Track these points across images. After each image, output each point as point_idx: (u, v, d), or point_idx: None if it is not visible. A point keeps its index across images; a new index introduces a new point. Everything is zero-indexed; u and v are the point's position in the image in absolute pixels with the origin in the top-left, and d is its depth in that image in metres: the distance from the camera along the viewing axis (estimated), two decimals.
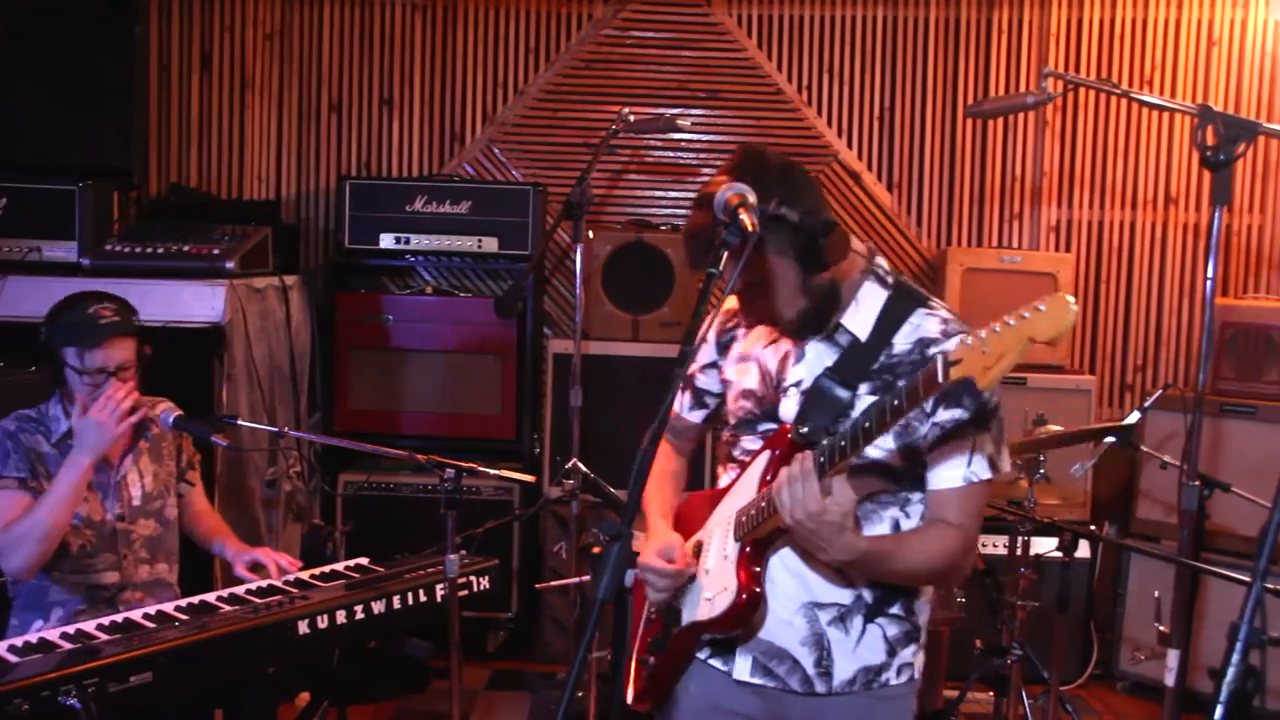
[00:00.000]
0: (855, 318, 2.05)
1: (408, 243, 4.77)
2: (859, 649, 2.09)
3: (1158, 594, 3.88)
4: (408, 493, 4.68)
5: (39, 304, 3.09)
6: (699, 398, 2.38)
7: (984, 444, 1.99)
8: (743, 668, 2.13)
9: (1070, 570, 3.65)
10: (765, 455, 2.08)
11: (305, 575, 3.15)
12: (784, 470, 1.90)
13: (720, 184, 1.89)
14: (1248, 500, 3.50)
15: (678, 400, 2.41)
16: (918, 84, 5.19)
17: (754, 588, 2.02)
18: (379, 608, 2.97)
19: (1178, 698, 2.63)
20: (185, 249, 4.18)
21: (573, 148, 5.19)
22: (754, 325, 2.20)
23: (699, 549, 2.19)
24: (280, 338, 4.53)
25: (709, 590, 2.11)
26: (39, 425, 3.01)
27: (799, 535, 1.91)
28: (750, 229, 1.79)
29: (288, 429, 3.70)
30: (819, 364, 2.06)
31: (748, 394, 2.18)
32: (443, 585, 3.03)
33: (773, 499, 1.91)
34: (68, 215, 4.20)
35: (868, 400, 1.98)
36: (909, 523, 2.07)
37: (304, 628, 2.80)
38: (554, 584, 4.21)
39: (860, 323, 2.04)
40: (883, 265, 2.10)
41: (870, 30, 5.18)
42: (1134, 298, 5.22)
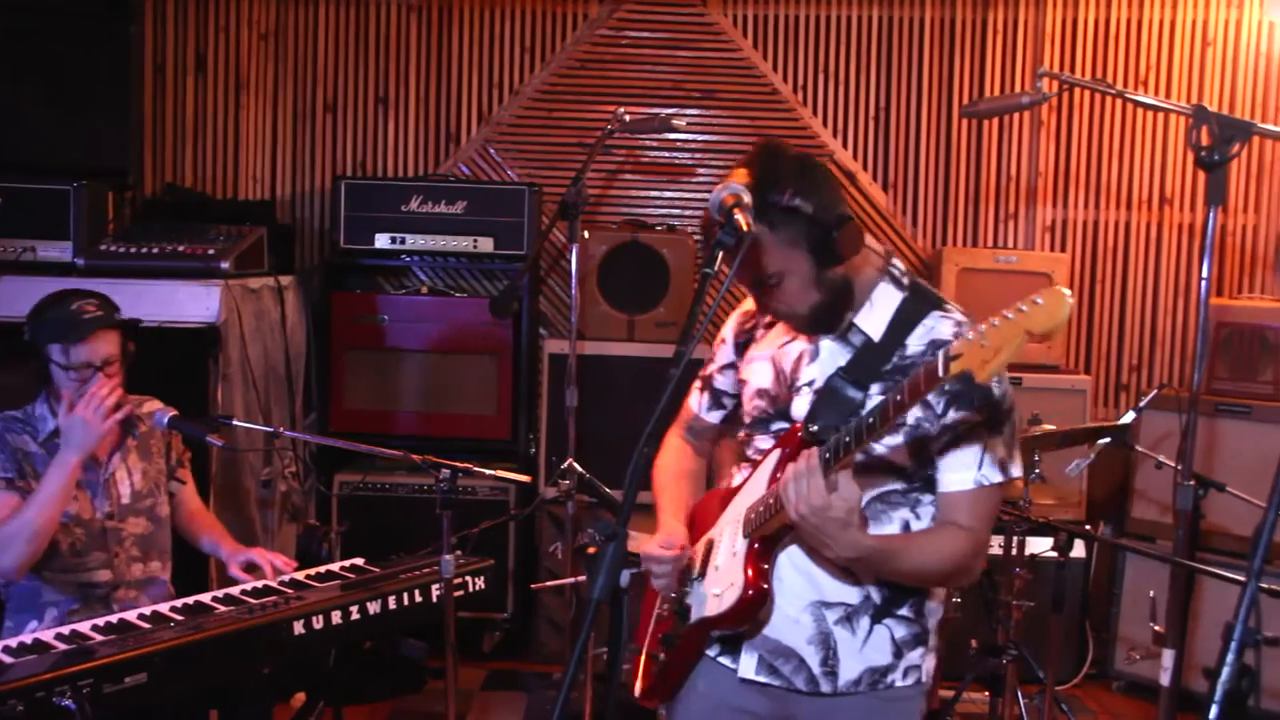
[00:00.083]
0: (869, 318, 2.05)
1: (403, 243, 4.76)
2: (865, 649, 2.09)
3: (1153, 594, 3.88)
4: (403, 493, 4.67)
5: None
6: (717, 398, 2.39)
7: (996, 447, 1.99)
8: (748, 666, 2.13)
9: (1066, 570, 3.64)
10: (776, 454, 2.08)
11: (300, 575, 3.15)
12: (790, 466, 1.90)
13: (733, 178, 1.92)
14: (1243, 500, 3.51)
15: (696, 401, 2.43)
16: (913, 84, 5.19)
17: (761, 584, 2.03)
18: (374, 608, 2.97)
19: (1173, 697, 2.63)
20: (180, 249, 4.17)
21: (568, 148, 5.19)
22: (769, 319, 2.20)
23: (710, 547, 2.20)
24: (275, 338, 4.52)
25: (717, 586, 2.12)
26: (25, 425, 3.01)
27: (804, 531, 1.91)
28: (745, 229, 1.79)
29: (283, 429, 3.69)
30: (832, 364, 2.06)
31: (762, 393, 2.19)
32: (438, 585, 3.03)
33: (780, 496, 1.91)
34: (62, 215, 4.18)
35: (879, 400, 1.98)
36: (919, 524, 2.07)
37: (299, 628, 2.80)
38: (549, 584, 4.21)
39: (874, 323, 2.05)
40: (898, 267, 2.11)
41: (865, 30, 5.18)
42: (1129, 298, 5.23)
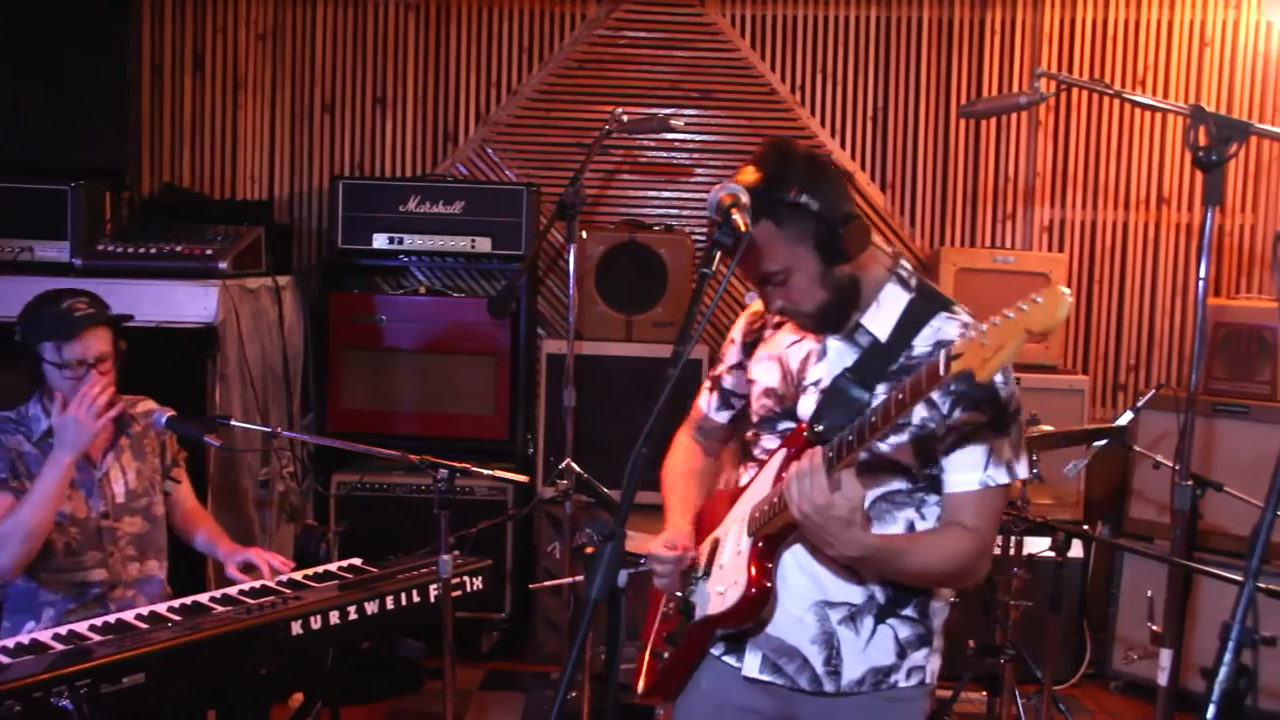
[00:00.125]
0: (876, 318, 2.06)
1: (401, 243, 4.76)
2: (869, 649, 2.09)
3: (1150, 593, 3.87)
4: (401, 493, 4.67)
5: None
6: (725, 398, 2.40)
7: (1002, 448, 2.00)
8: (752, 664, 2.14)
9: (1063, 570, 3.65)
10: (781, 453, 2.09)
11: (298, 576, 3.15)
12: (794, 464, 1.91)
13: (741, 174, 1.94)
14: (1240, 500, 3.51)
15: (705, 401, 2.44)
16: (911, 84, 5.19)
17: (764, 582, 2.03)
18: (372, 608, 2.97)
19: (1170, 697, 2.63)
20: (178, 249, 4.17)
21: (566, 148, 5.19)
22: (778, 320, 2.21)
23: (715, 546, 2.20)
24: (273, 338, 4.52)
25: (721, 585, 2.13)
26: (19, 425, 3.01)
27: (807, 529, 1.91)
28: (743, 229, 1.80)
29: (281, 429, 3.70)
30: (839, 364, 2.07)
31: (769, 392, 2.19)
32: (436, 585, 3.03)
33: (784, 494, 1.92)
34: (60, 215, 4.18)
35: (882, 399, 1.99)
36: (924, 524, 2.07)
37: (297, 628, 2.80)
38: (547, 584, 4.21)
39: (881, 324, 2.06)
40: (906, 268, 2.11)
41: (863, 30, 5.18)
42: (1127, 298, 5.23)
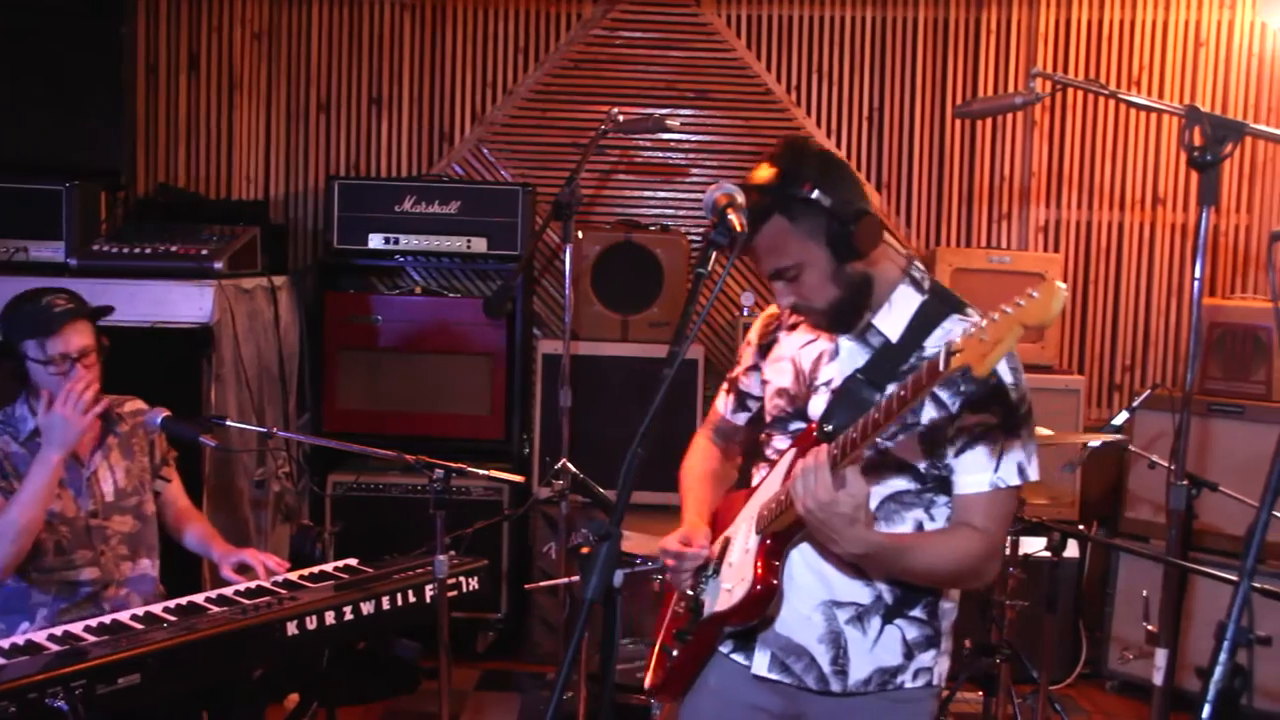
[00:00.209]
0: (888, 319, 2.07)
1: (396, 243, 4.75)
2: (876, 649, 2.09)
3: (1146, 593, 3.88)
4: (397, 493, 4.67)
5: None
6: (742, 400, 2.40)
7: (1013, 450, 2.00)
8: (760, 663, 2.15)
9: (1059, 570, 3.65)
10: (792, 453, 2.10)
11: (294, 576, 3.14)
12: (800, 461, 1.92)
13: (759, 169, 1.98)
14: (1235, 500, 3.51)
15: (722, 403, 2.45)
16: (906, 84, 5.19)
17: (771, 580, 2.04)
18: (368, 609, 2.97)
19: (1166, 697, 2.64)
20: (173, 249, 4.16)
21: (562, 148, 5.19)
22: (792, 321, 2.21)
23: (726, 544, 2.21)
24: (269, 338, 4.51)
25: (729, 582, 2.14)
26: (6, 426, 3.01)
27: (811, 525, 1.92)
28: (738, 229, 1.81)
29: (276, 429, 3.69)
30: (850, 364, 2.08)
31: (782, 393, 2.20)
32: (432, 586, 3.03)
33: (790, 491, 1.93)
34: (55, 215, 4.17)
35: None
36: (933, 525, 2.07)
37: (293, 629, 2.80)
38: (543, 584, 4.20)
39: (892, 324, 2.06)
40: (920, 269, 2.12)
41: (859, 30, 5.18)
42: (1122, 298, 5.23)
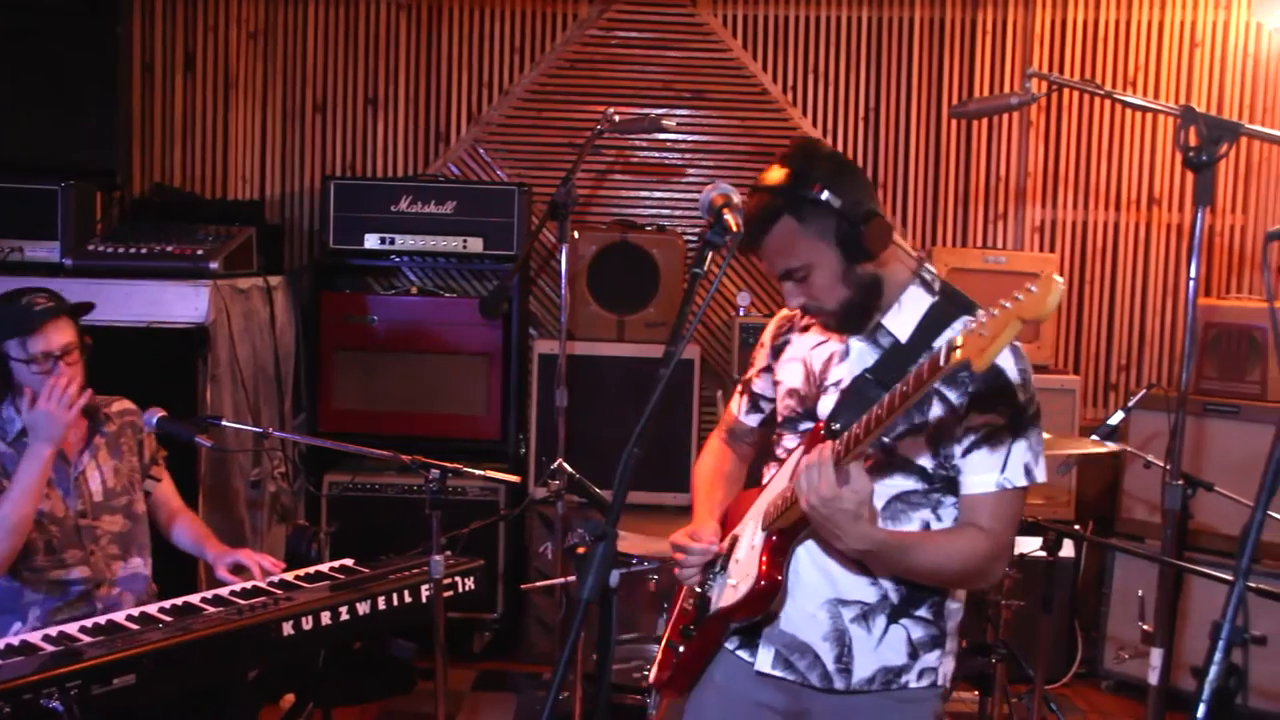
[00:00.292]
0: (897, 320, 2.08)
1: (392, 243, 4.75)
2: (880, 648, 2.10)
3: (1141, 593, 3.89)
4: (392, 493, 4.66)
5: None
6: (755, 402, 2.41)
7: (1020, 451, 2.01)
8: (765, 659, 2.16)
9: (1055, 569, 3.64)
10: (799, 451, 2.11)
11: (289, 576, 3.14)
12: (804, 458, 1.93)
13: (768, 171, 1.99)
14: (1230, 499, 3.51)
15: (736, 404, 2.46)
16: (902, 84, 5.20)
17: (775, 575, 2.05)
18: (364, 609, 2.97)
19: (1161, 696, 2.64)
20: (169, 249, 4.15)
21: (558, 148, 5.19)
22: (805, 323, 2.22)
23: (734, 542, 2.23)
24: (264, 338, 4.51)
25: (735, 578, 2.15)
26: None
27: (815, 521, 1.93)
28: (734, 229, 1.82)
29: (272, 430, 3.69)
30: (860, 365, 2.09)
31: (792, 393, 2.21)
32: (428, 586, 3.03)
33: (795, 488, 1.94)
34: (50, 215, 4.16)
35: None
36: (940, 525, 2.08)
37: (288, 629, 2.79)
38: (539, 584, 4.20)
39: (902, 325, 2.07)
40: (930, 271, 2.13)
41: (855, 31, 5.18)
42: (1118, 298, 5.24)
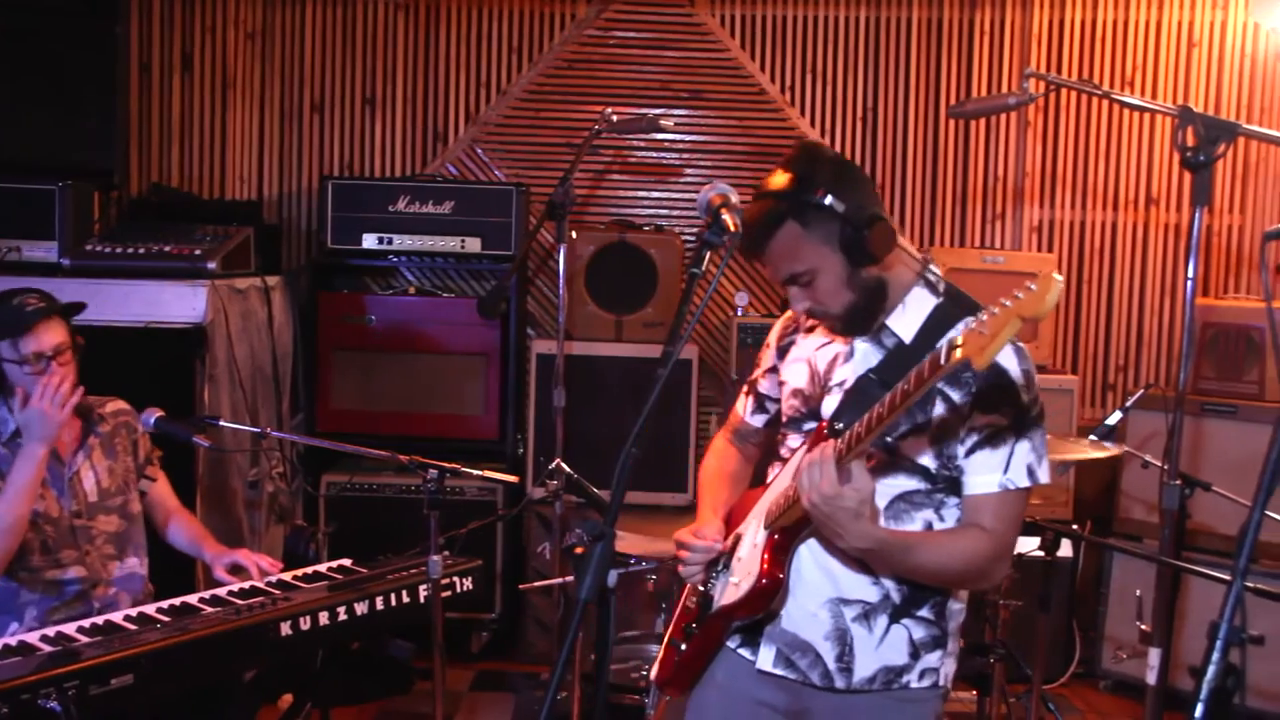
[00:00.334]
0: (901, 320, 2.08)
1: (390, 243, 4.75)
2: (881, 648, 2.10)
3: (1139, 593, 3.89)
4: (390, 493, 4.66)
5: None
6: (761, 402, 2.42)
7: (1023, 452, 2.01)
8: (766, 658, 2.16)
9: (1053, 569, 3.64)
10: (802, 451, 2.11)
11: (288, 576, 3.14)
12: (806, 456, 1.93)
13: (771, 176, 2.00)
14: (1228, 499, 3.52)
15: (742, 405, 2.46)
16: (900, 84, 5.20)
17: (776, 573, 2.06)
18: (362, 609, 2.96)
19: (1159, 696, 2.64)
20: (166, 249, 4.15)
21: (556, 148, 5.18)
22: (810, 324, 2.23)
23: (738, 541, 2.23)
24: (262, 338, 4.51)
25: (737, 576, 2.16)
26: None
27: (816, 519, 1.93)
28: (732, 229, 1.82)
29: (270, 430, 3.69)
30: (864, 365, 2.09)
31: (797, 393, 2.22)
32: (426, 586, 3.02)
33: (797, 486, 1.94)
34: (48, 215, 4.16)
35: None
36: (942, 526, 2.08)
37: (286, 629, 2.79)
38: (537, 584, 4.20)
39: (906, 326, 2.08)
40: (935, 272, 2.14)
41: (853, 31, 5.18)
42: (1116, 298, 5.24)
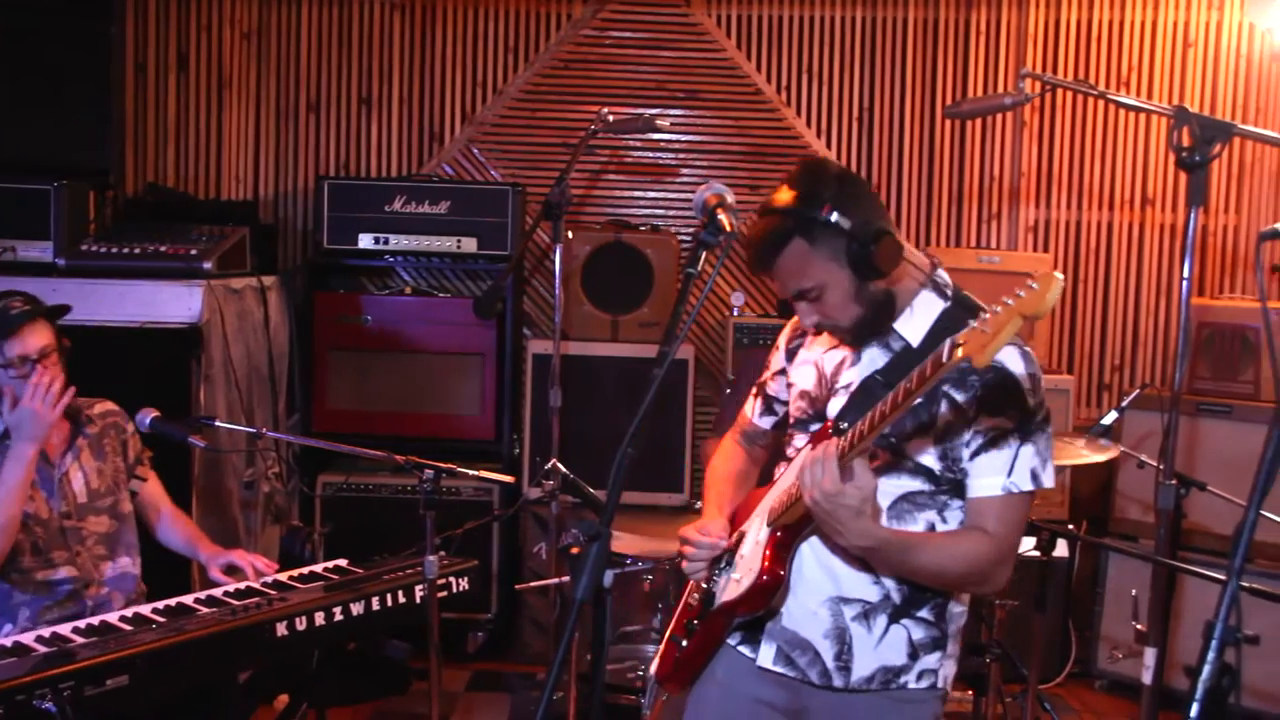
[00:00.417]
0: (909, 324, 2.10)
1: (386, 243, 4.75)
2: (880, 647, 2.11)
3: (1135, 592, 3.89)
4: (387, 493, 4.66)
5: None
6: (769, 404, 2.43)
7: (1028, 455, 2.01)
8: (766, 655, 2.17)
9: (1049, 569, 3.65)
10: (807, 450, 2.12)
11: (283, 577, 3.14)
12: (809, 454, 1.94)
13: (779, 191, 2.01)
14: (1224, 499, 3.52)
15: (751, 407, 2.47)
16: (896, 85, 5.20)
17: (777, 570, 2.08)
18: (358, 609, 2.96)
19: (1155, 695, 2.64)
20: (162, 249, 4.15)
21: (552, 148, 5.18)
22: (815, 332, 2.23)
23: (741, 538, 2.24)
24: (258, 338, 4.50)
25: (739, 573, 2.17)
26: None
27: (817, 516, 1.94)
28: (728, 229, 1.83)
29: (266, 430, 3.68)
30: (871, 368, 2.10)
31: (804, 395, 2.23)
32: (422, 586, 3.02)
33: (799, 483, 1.95)
34: (43, 215, 4.15)
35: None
36: (945, 527, 2.09)
37: (282, 630, 2.79)
38: (534, 585, 4.21)
39: (913, 329, 2.09)
40: (943, 277, 2.15)
41: (849, 31, 5.19)
42: (1111, 298, 5.25)
